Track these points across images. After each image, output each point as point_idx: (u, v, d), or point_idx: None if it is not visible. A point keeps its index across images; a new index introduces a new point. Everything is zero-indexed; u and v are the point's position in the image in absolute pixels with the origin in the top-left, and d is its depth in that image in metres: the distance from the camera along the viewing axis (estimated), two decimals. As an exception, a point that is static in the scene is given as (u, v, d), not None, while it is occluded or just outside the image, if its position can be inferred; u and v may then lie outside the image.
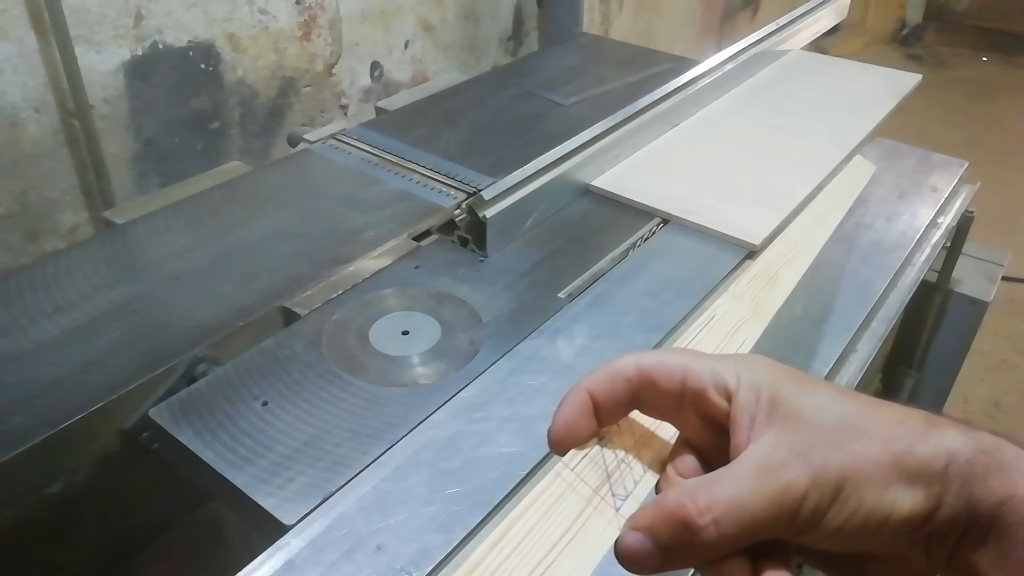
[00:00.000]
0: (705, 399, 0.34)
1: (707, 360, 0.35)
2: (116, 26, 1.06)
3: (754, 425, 0.33)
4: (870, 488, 0.30)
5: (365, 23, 1.41)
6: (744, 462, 0.31)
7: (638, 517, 0.31)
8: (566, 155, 0.84)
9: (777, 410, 0.32)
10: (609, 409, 0.36)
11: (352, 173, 0.91)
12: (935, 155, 1.02)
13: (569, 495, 0.35)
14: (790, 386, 0.33)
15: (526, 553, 0.34)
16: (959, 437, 0.31)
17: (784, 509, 0.30)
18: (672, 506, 0.30)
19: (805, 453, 0.31)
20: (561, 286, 0.74)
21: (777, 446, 0.31)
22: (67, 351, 0.64)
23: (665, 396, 0.35)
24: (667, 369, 0.35)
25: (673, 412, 0.36)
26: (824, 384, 0.34)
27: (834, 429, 0.31)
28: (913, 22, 4.06)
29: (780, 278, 0.74)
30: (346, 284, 0.73)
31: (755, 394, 0.33)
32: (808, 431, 0.31)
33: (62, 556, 0.64)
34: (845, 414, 0.32)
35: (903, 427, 0.31)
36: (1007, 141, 2.99)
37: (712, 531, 0.30)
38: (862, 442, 0.31)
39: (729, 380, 0.34)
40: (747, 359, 0.35)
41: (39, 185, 1.05)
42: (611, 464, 0.36)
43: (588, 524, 0.34)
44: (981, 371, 1.93)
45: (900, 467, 0.30)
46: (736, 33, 2.72)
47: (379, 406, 0.60)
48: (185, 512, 0.71)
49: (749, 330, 0.63)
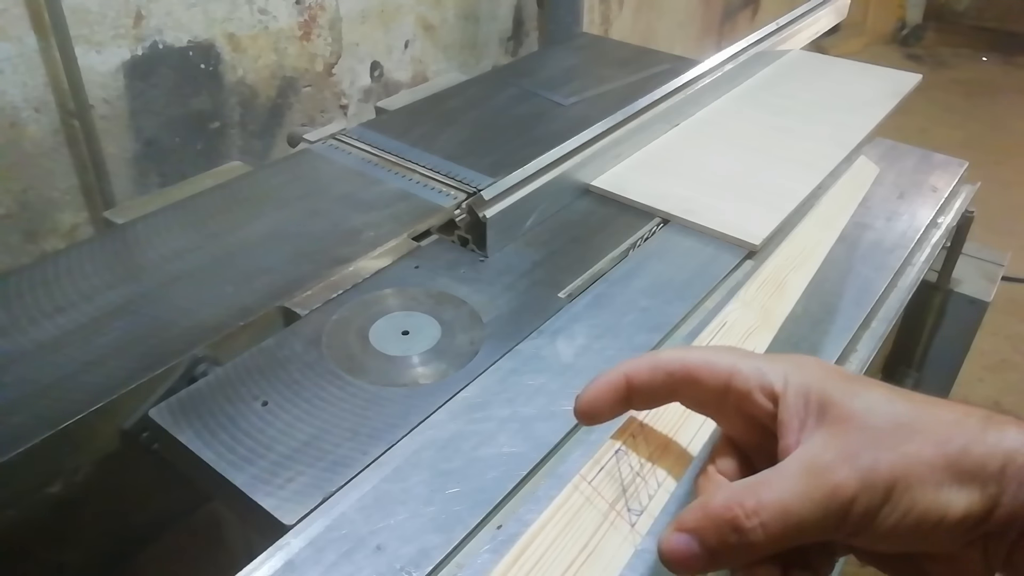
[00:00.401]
0: (750, 401, 0.34)
1: (754, 361, 0.35)
2: (116, 26, 1.06)
3: (803, 428, 0.32)
4: (922, 489, 0.30)
5: (365, 23, 1.41)
6: (792, 464, 0.31)
7: (683, 519, 0.31)
8: (566, 155, 0.84)
9: (827, 412, 0.32)
10: (644, 397, 0.36)
11: (352, 173, 0.91)
12: (935, 155, 1.02)
13: (587, 509, 0.35)
14: (841, 387, 0.33)
15: (546, 569, 0.34)
16: (1020, 437, 0.30)
17: (832, 512, 0.30)
18: (719, 509, 0.31)
19: (855, 455, 0.30)
20: (561, 286, 0.74)
21: (826, 448, 0.31)
22: (67, 351, 0.64)
23: (708, 394, 0.35)
24: (713, 369, 0.35)
25: (715, 409, 0.36)
26: (877, 384, 0.34)
27: (886, 430, 0.31)
28: (913, 22, 4.06)
29: (788, 284, 0.74)
30: (346, 284, 0.73)
31: (804, 397, 0.33)
32: (858, 433, 0.31)
33: (62, 556, 0.64)
34: (897, 415, 0.31)
35: (959, 427, 0.31)
36: (1007, 141, 2.99)
37: (760, 533, 0.30)
38: (915, 443, 0.30)
39: (776, 383, 0.34)
40: (797, 360, 0.35)
41: (39, 185, 1.05)
42: (627, 478, 0.37)
43: (605, 540, 0.35)
44: (981, 371, 1.93)
45: (954, 468, 0.30)
46: (736, 33, 2.72)
47: (379, 406, 0.60)
48: (185, 512, 0.71)
49: (759, 338, 0.63)
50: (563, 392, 0.61)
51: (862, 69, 1.21)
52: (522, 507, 0.53)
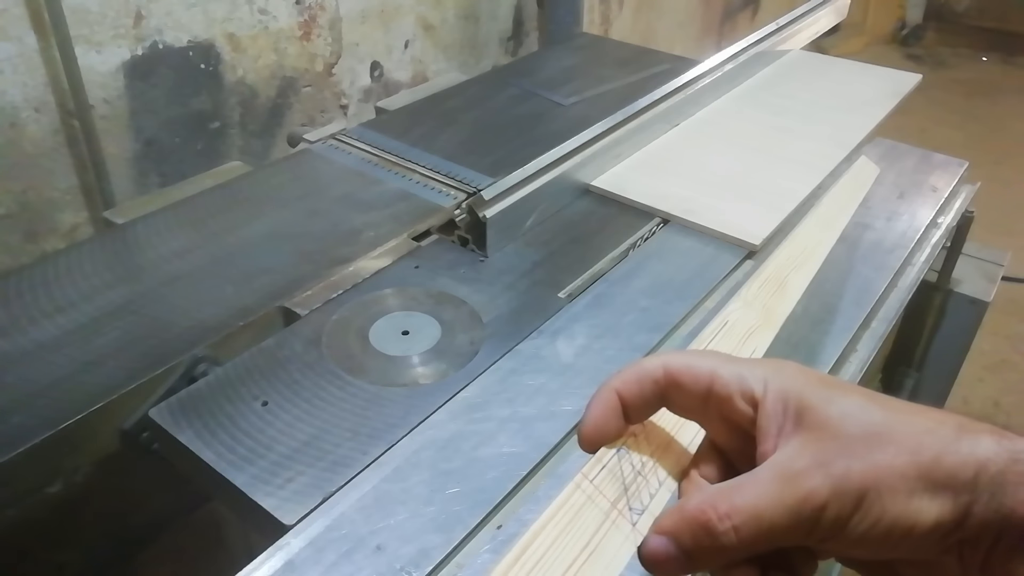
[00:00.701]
0: (731, 406, 0.34)
1: (736, 366, 0.35)
2: (116, 26, 1.06)
3: (781, 433, 0.33)
4: (893, 498, 0.30)
5: (365, 23, 1.41)
6: (766, 470, 0.32)
7: (662, 522, 0.32)
8: (566, 155, 0.84)
9: (804, 418, 0.32)
10: (637, 409, 0.37)
11: (352, 173, 0.91)
12: (935, 155, 1.02)
13: (588, 508, 0.35)
14: (819, 393, 0.33)
15: (547, 569, 0.34)
16: (993, 446, 0.30)
17: (803, 518, 0.30)
18: (694, 512, 0.31)
19: (827, 463, 0.31)
20: (561, 286, 0.74)
21: (800, 455, 0.31)
22: (67, 351, 0.64)
23: (691, 399, 0.36)
24: (694, 373, 0.35)
25: (699, 413, 0.36)
26: (855, 390, 0.34)
27: (859, 438, 0.31)
28: (913, 22, 4.06)
29: (789, 284, 0.74)
30: (346, 284, 0.73)
31: (783, 402, 0.33)
32: (833, 440, 0.31)
33: (62, 556, 0.64)
34: (872, 422, 0.31)
35: (932, 436, 0.31)
36: (1007, 141, 2.99)
37: (732, 537, 0.30)
38: (887, 452, 0.30)
39: (756, 388, 0.34)
40: (776, 365, 0.35)
41: (39, 185, 1.05)
42: (628, 476, 0.37)
43: (606, 539, 0.35)
44: (981, 371, 1.93)
45: (925, 477, 0.30)
46: (736, 33, 2.72)
47: (379, 406, 0.60)
48: (185, 512, 0.71)
49: (760, 338, 0.63)
50: (563, 392, 0.61)
51: (862, 69, 1.21)
52: (522, 507, 0.53)
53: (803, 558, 0.34)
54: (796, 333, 0.69)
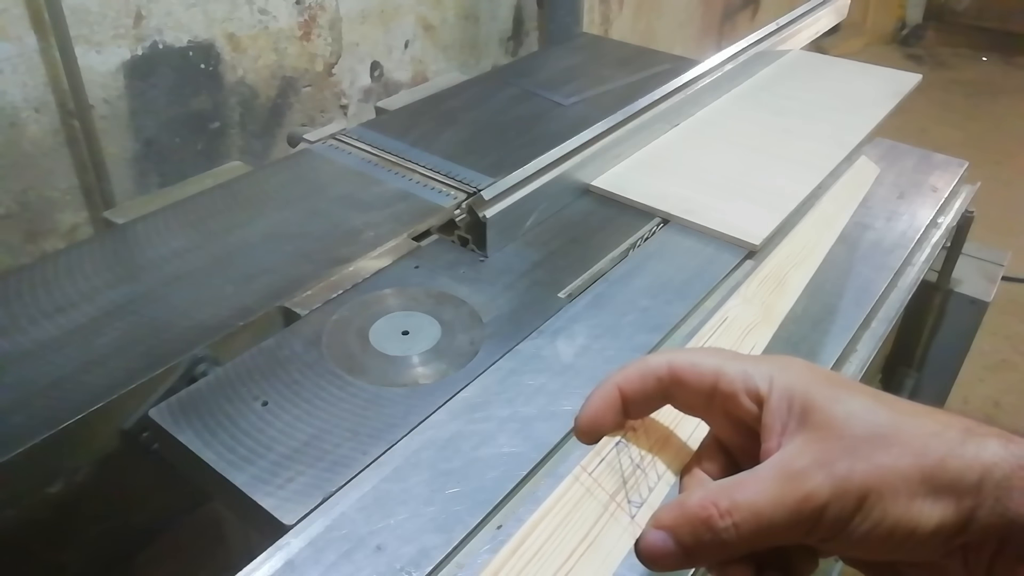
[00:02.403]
0: (735, 403, 0.34)
1: (741, 363, 0.35)
2: (116, 26, 1.06)
3: (785, 431, 0.32)
4: (894, 501, 0.30)
5: (365, 23, 1.41)
6: (767, 468, 0.31)
7: (661, 516, 0.32)
8: (566, 155, 0.84)
9: (809, 417, 0.32)
10: (638, 404, 0.37)
11: (352, 173, 0.91)
12: (935, 155, 1.02)
13: (587, 500, 0.35)
14: (825, 392, 0.33)
15: (545, 560, 0.34)
16: (1000, 450, 0.30)
17: (803, 518, 0.30)
18: (695, 508, 0.31)
19: (830, 463, 0.30)
20: (561, 286, 0.74)
21: (802, 454, 0.31)
22: (67, 351, 0.64)
23: (695, 396, 0.36)
24: (699, 371, 0.35)
25: (703, 410, 0.36)
26: (862, 390, 0.33)
27: (863, 439, 0.31)
28: (913, 22, 4.06)
29: (789, 281, 0.74)
30: (346, 284, 0.73)
31: (787, 400, 0.33)
32: (837, 440, 0.31)
33: (62, 556, 0.64)
34: (878, 424, 0.31)
35: (938, 439, 0.30)
36: (1007, 141, 2.99)
37: (732, 533, 0.30)
38: (891, 454, 0.30)
39: (761, 385, 0.34)
40: (783, 362, 0.35)
41: (39, 185, 1.05)
42: (627, 469, 0.37)
43: (605, 531, 0.35)
44: (981, 371, 1.93)
45: (929, 480, 0.30)
46: (736, 33, 2.72)
47: (379, 406, 0.60)
48: (185, 512, 0.71)
49: (759, 334, 0.63)
50: (563, 392, 0.61)
51: (862, 69, 1.21)
52: (522, 507, 0.53)
53: (803, 556, 0.34)
54: (796, 333, 0.69)
